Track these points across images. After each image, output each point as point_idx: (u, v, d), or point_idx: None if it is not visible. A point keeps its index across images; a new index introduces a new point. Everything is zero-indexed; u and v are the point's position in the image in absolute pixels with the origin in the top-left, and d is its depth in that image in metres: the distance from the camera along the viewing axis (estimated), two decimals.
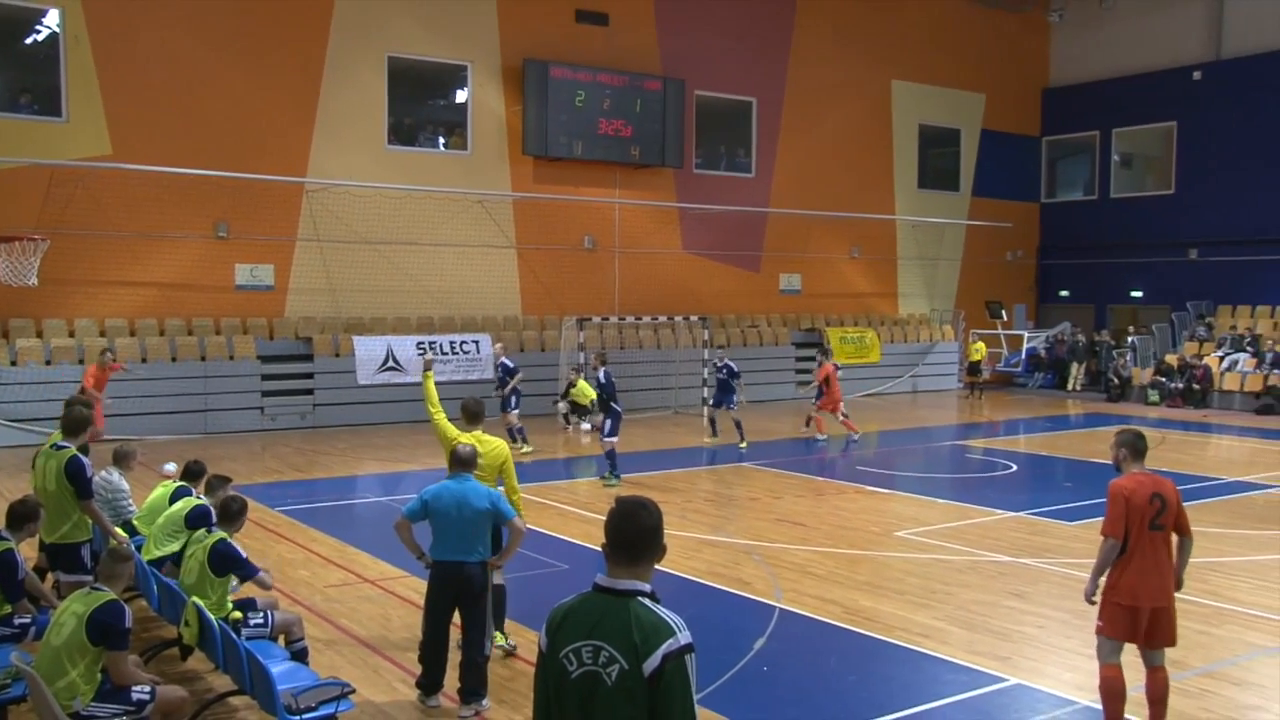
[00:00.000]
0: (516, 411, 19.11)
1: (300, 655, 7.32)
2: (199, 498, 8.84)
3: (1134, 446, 6.69)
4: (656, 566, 3.45)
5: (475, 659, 7.21)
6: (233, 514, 7.63)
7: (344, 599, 9.83)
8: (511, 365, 19.53)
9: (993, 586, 10.31)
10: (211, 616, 6.82)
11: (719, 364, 19.71)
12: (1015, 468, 18.10)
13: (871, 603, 9.74)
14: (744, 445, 18.89)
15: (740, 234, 28.96)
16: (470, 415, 8.24)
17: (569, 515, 13.43)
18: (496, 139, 25.36)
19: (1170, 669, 8.02)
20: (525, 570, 11.13)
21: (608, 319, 24.53)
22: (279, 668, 6.40)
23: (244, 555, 7.39)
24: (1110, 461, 6.87)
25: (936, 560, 11.36)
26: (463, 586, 7.17)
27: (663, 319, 25.61)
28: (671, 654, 3.22)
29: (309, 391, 22.26)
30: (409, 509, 7.28)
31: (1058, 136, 35.87)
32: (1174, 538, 6.65)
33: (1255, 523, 13.43)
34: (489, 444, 8.05)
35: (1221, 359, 28.21)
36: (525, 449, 18.56)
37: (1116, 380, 29.20)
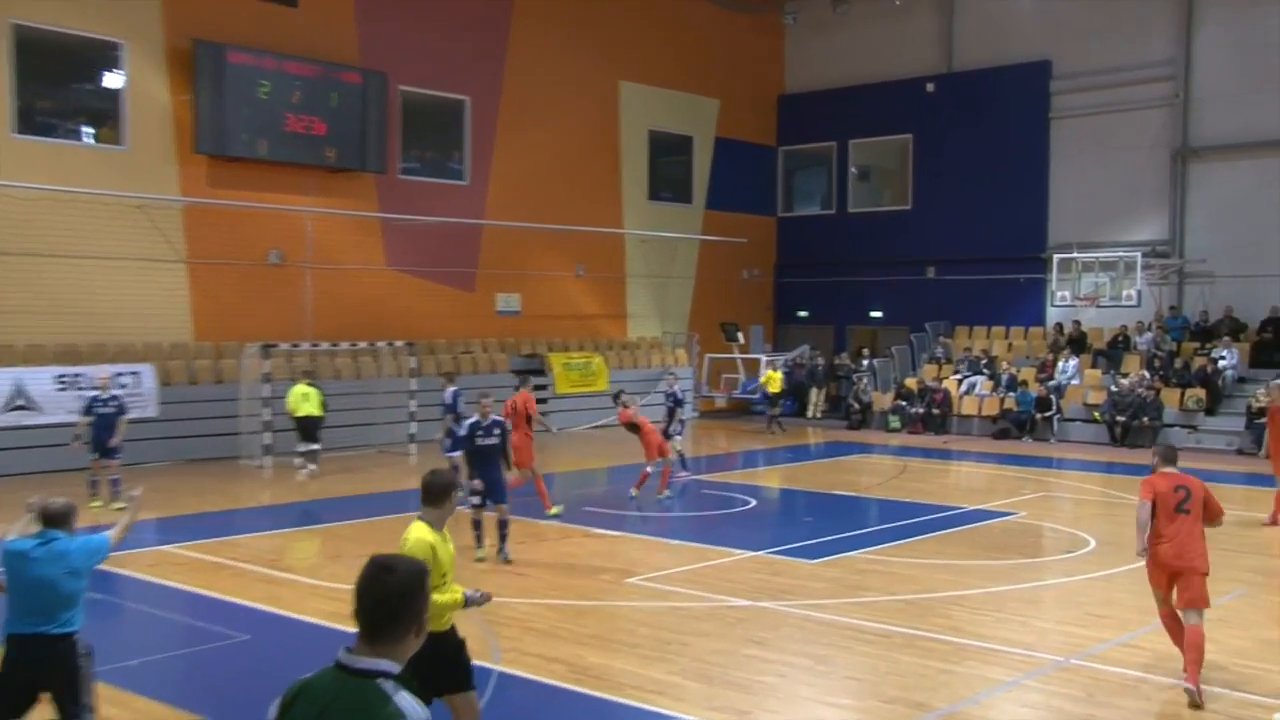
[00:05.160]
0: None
1: None
2: None
3: (1164, 455, 9.48)
4: None
5: None
6: None
7: None
8: (679, 395, 22.26)
9: (732, 634, 10.56)
10: None
11: (448, 400, 18.84)
12: (754, 503, 18.67)
13: (601, 659, 9.77)
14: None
15: (452, 249, 28.78)
16: (429, 494, 6.97)
17: (248, 574, 12.78)
18: (160, 133, 24.11)
19: (912, 711, 8.46)
20: (194, 644, 10.56)
21: (298, 345, 23.72)
22: None
23: None
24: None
25: (671, 608, 11.53)
26: (44, 666, 6.56)
27: (363, 345, 25.03)
28: None
29: None
30: None
31: (794, 146, 37.74)
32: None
33: (995, 552, 14.41)
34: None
35: (960, 382, 30.38)
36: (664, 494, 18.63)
37: (857, 406, 30.87)
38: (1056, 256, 29.91)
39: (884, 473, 22.62)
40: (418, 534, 6.81)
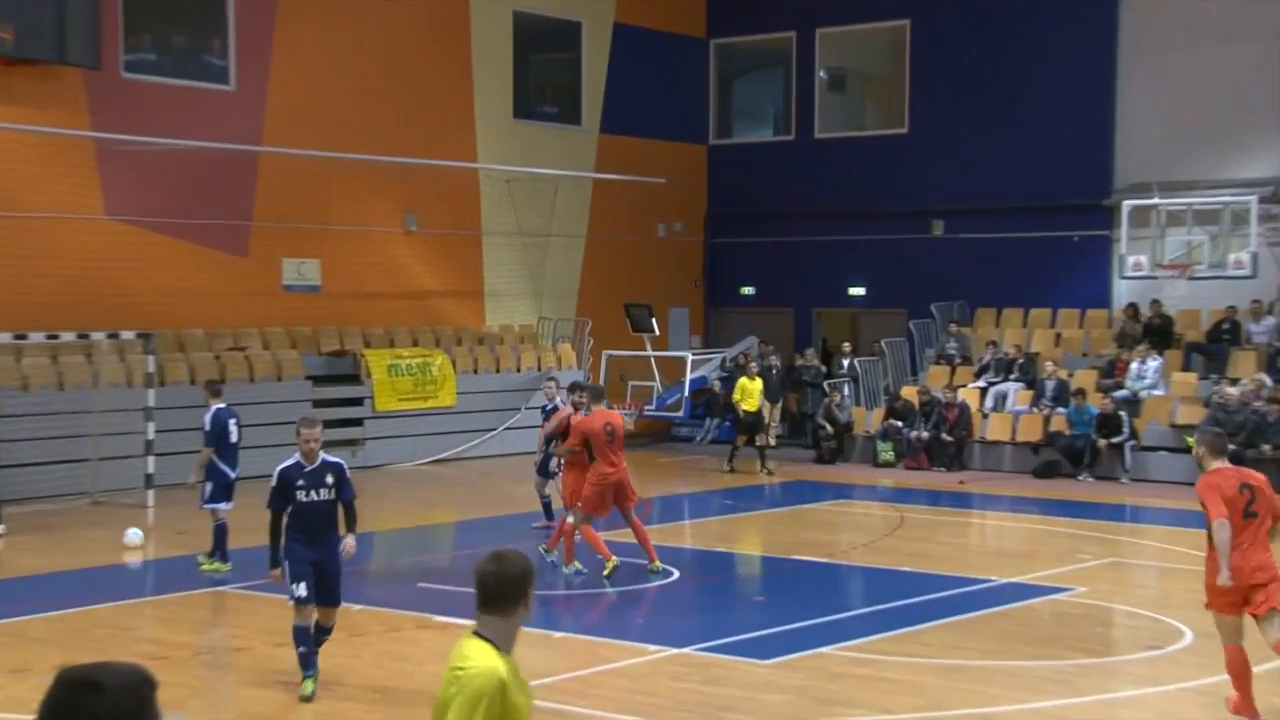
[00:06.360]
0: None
1: None
2: None
3: (1213, 445, 11.32)
4: None
5: None
6: None
7: None
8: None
9: None
10: None
11: (207, 424, 18.59)
12: (677, 574, 18.47)
13: None
14: (226, 567, 18.17)
15: (212, 190, 28.44)
16: (486, 597, 6.05)
17: None
18: None
19: None
20: None
21: None
22: None
23: None
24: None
25: None
26: None
27: (70, 337, 24.53)
28: None
29: None
30: None
31: (733, 39, 37.88)
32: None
33: (1037, 647, 14.42)
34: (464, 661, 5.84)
35: (983, 392, 30.47)
36: None
37: (830, 428, 30.84)
38: (1127, 204, 30.21)
39: (871, 528, 22.69)
40: (484, 660, 5.77)
